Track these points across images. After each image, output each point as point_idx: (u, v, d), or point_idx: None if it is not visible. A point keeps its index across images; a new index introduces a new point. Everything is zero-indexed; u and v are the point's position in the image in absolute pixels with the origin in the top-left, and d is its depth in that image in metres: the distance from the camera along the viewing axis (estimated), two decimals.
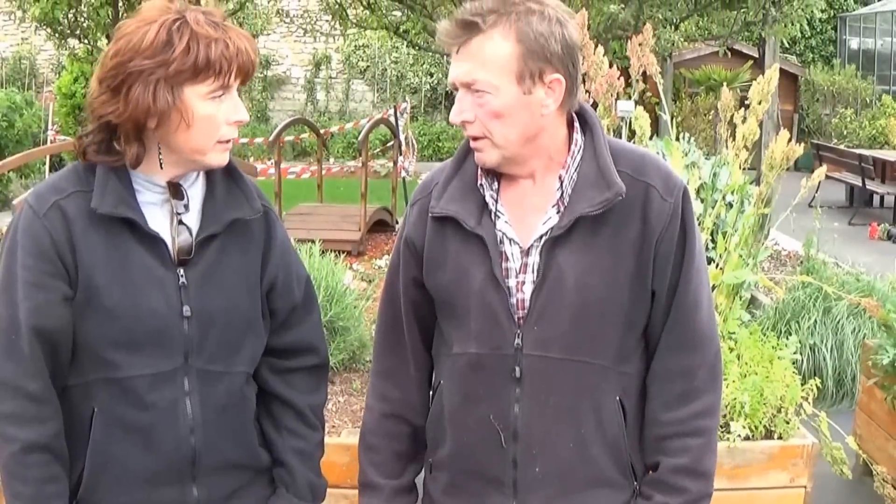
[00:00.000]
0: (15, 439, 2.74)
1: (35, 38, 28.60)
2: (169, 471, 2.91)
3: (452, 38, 2.80)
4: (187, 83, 2.75)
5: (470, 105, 2.82)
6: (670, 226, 2.89)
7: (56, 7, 15.94)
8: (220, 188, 3.00)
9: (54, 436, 2.79)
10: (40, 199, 2.83)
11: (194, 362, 2.89)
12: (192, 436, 2.90)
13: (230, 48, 2.77)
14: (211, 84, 2.77)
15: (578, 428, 2.92)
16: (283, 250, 3.11)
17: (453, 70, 2.84)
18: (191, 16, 2.77)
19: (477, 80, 2.78)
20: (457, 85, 2.84)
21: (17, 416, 2.75)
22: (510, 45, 2.76)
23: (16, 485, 2.76)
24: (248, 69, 2.83)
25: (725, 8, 16.52)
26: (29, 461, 2.75)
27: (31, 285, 2.76)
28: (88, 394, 2.84)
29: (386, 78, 31.59)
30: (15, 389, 2.75)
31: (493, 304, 2.91)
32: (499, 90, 2.78)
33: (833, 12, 30.75)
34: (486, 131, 2.84)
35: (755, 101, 5.72)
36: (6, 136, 20.84)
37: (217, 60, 2.75)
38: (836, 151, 21.90)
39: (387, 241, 14.84)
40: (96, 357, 2.82)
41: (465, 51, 2.79)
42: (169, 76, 2.73)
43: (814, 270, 9.38)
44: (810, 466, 5.31)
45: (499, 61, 2.76)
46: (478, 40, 2.76)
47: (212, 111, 2.80)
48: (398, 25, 17.62)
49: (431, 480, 3.18)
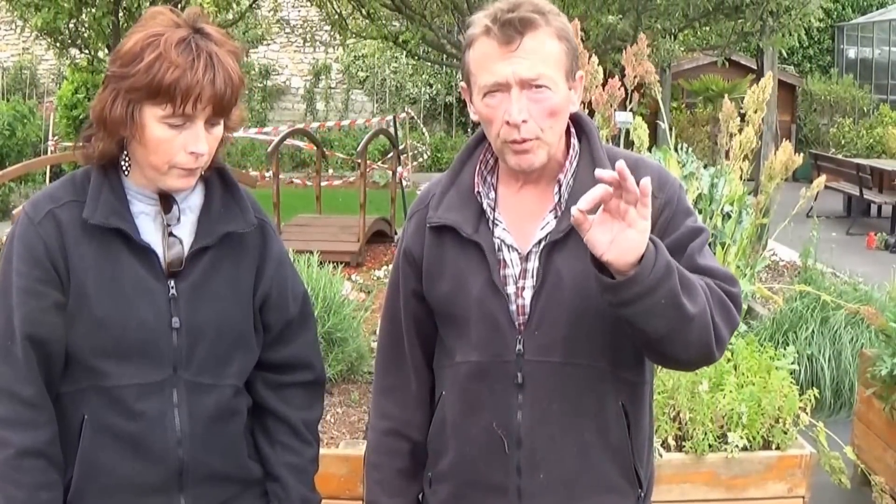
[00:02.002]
0: (9, 444, 2.76)
1: (36, 48, 28.65)
2: (156, 480, 2.90)
3: (509, 39, 2.74)
4: (146, 102, 2.72)
5: (526, 104, 2.77)
6: (661, 218, 2.86)
7: (58, 17, 15.96)
8: (216, 200, 3.00)
9: (49, 442, 2.81)
10: (36, 207, 2.85)
11: (183, 374, 2.88)
12: (179, 447, 2.89)
13: (189, 78, 2.69)
14: (166, 109, 2.72)
15: (582, 433, 2.91)
16: (278, 264, 3.10)
17: (511, 67, 2.75)
18: (172, 34, 2.72)
19: (542, 74, 2.75)
20: (511, 83, 2.76)
21: (12, 420, 2.77)
22: (557, 43, 2.78)
23: (9, 489, 2.77)
24: (217, 102, 2.76)
25: (723, 18, 16.57)
26: (24, 466, 2.76)
27: (25, 292, 2.78)
28: (79, 401, 2.85)
29: (385, 88, 31.61)
30: (10, 395, 2.77)
31: (494, 311, 2.90)
32: (557, 86, 2.78)
33: (830, 22, 30.80)
34: (539, 131, 2.80)
35: (751, 109, 5.74)
36: (8, 146, 20.89)
37: (171, 86, 2.69)
38: (834, 161, 21.92)
39: (385, 252, 14.79)
40: (86, 365, 2.83)
41: (525, 47, 2.74)
42: (127, 89, 2.73)
43: (812, 280, 9.39)
44: (808, 476, 5.34)
45: (555, 57, 2.78)
46: (537, 36, 2.75)
47: (165, 135, 2.75)
48: (397, 35, 17.67)
49: (431, 494, 3.16)
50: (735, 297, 2.81)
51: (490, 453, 2.95)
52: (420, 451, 3.19)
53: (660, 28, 15.80)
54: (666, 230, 2.85)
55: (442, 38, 15.99)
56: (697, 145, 22.49)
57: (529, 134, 2.79)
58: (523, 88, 2.76)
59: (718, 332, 2.72)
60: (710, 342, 2.71)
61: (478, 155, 3.05)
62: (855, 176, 19.80)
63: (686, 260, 2.81)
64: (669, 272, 2.54)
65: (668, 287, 2.54)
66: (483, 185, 2.98)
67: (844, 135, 28.58)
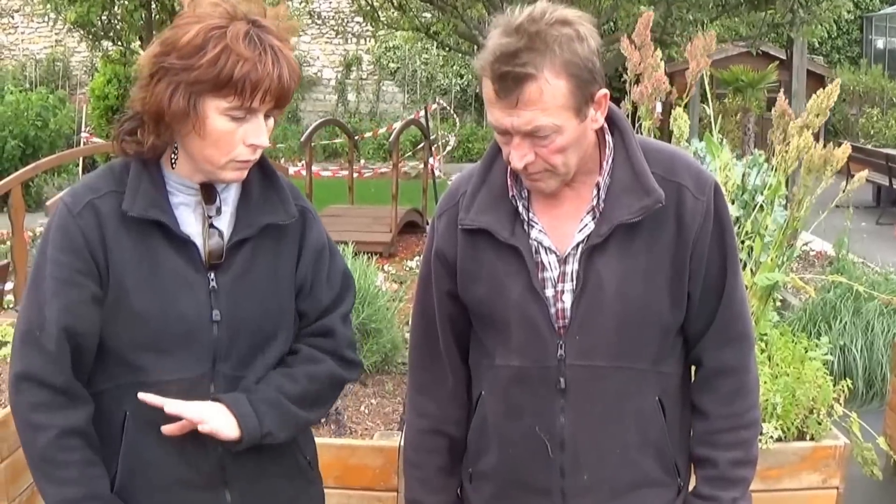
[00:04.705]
0: (50, 426, 2.73)
1: (68, 41, 28.77)
2: (200, 476, 2.88)
3: (505, 94, 2.63)
4: (208, 94, 2.68)
5: (529, 147, 2.72)
6: (705, 224, 2.86)
7: (91, 10, 16.02)
8: (255, 191, 2.94)
9: (87, 423, 2.78)
10: (75, 198, 2.80)
11: (221, 367, 2.84)
12: (218, 442, 2.81)
13: (259, 71, 2.66)
14: (231, 101, 2.68)
15: (623, 433, 2.93)
16: (315, 252, 3.03)
17: (508, 120, 2.68)
18: (235, 27, 2.66)
19: (540, 126, 2.66)
20: (511, 133, 2.71)
21: (48, 404, 2.74)
22: (563, 83, 2.63)
23: (58, 472, 2.74)
24: (279, 96, 2.73)
25: (753, 9, 16.50)
26: (69, 444, 2.74)
27: (63, 282, 2.74)
28: (120, 397, 2.81)
29: (416, 79, 31.61)
30: (41, 382, 2.73)
31: (534, 316, 2.88)
32: (562, 129, 2.68)
33: (859, 12, 30.65)
34: (548, 166, 2.76)
35: (812, 114, 5.68)
36: (40, 137, 20.95)
37: (241, 80, 2.65)
38: (864, 151, 21.70)
39: (417, 243, 14.77)
40: (125, 361, 2.80)
41: (524, 100, 2.63)
42: (190, 82, 2.66)
43: (844, 270, 9.37)
44: (842, 467, 5.31)
45: (557, 102, 2.65)
46: (532, 88, 2.61)
47: (227, 128, 2.72)
48: (429, 27, 17.65)
49: (473, 490, 3.17)
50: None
51: (533, 456, 2.96)
52: (457, 446, 3.19)
53: (691, 19, 15.75)
54: (699, 242, 2.88)
55: (473, 28, 15.97)
56: (727, 135, 22.39)
57: (536, 169, 2.78)
58: (525, 137, 2.71)
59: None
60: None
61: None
62: (884, 166, 19.61)
63: (722, 309, 2.95)
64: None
65: None
66: (515, 184, 2.93)
67: (873, 125, 28.43)
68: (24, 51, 32.34)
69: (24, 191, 10.71)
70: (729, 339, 2.97)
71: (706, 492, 3.00)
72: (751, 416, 3.01)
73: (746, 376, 3.00)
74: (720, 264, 2.92)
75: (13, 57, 32.33)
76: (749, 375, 3.01)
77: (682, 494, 3.07)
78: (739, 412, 2.99)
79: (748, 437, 3.00)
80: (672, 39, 15.74)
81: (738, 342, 2.99)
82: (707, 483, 3.01)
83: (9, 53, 32.44)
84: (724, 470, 2.97)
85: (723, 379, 2.99)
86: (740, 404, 2.99)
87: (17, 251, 9.83)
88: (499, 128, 2.73)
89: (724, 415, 2.98)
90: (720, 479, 2.98)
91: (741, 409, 2.99)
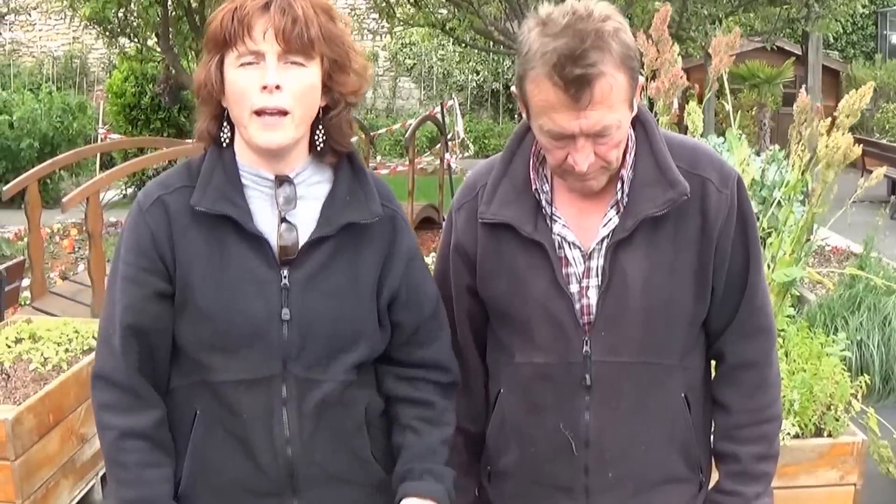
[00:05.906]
0: (113, 427, 2.74)
1: (86, 37, 28.76)
2: (268, 482, 2.79)
3: (578, 97, 2.56)
4: (224, 53, 2.66)
5: (592, 148, 2.67)
6: (728, 218, 2.84)
7: (106, 6, 16.01)
8: (342, 188, 2.85)
9: (153, 426, 2.77)
10: (146, 195, 2.78)
11: (293, 368, 2.74)
12: (288, 447, 2.76)
13: (259, 13, 2.61)
14: (239, 48, 2.62)
15: (649, 429, 2.92)
16: (408, 260, 2.92)
17: (576, 123, 2.61)
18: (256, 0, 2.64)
19: (608, 125, 2.62)
20: (577, 136, 2.64)
21: (114, 405, 2.75)
22: (623, 77, 2.60)
23: (118, 470, 2.76)
24: (283, 34, 2.61)
25: (769, 4, 16.48)
26: (127, 447, 2.74)
27: (128, 280, 2.73)
28: (191, 395, 2.79)
29: (432, 75, 31.57)
30: (110, 382, 2.75)
31: (558, 312, 2.85)
32: (622, 122, 2.67)
33: (874, 8, 30.57)
34: (604, 163, 2.72)
35: (843, 114, 5.65)
36: (60, 136, 20.96)
37: (240, 24, 2.60)
38: (879, 146, 21.78)
39: (433, 239, 14.70)
40: (194, 359, 2.76)
41: (594, 100, 2.57)
42: (208, 50, 2.69)
43: (865, 265, 9.34)
44: (860, 464, 5.28)
45: (620, 97, 2.62)
46: (603, 87, 2.56)
47: (240, 78, 2.64)
48: (444, 23, 17.65)
49: (493, 489, 3.15)
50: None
51: (556, 454, 2.94)
52: (474, 443, 3.16)
53: (706, 14, 15.73)
54: (723, 235, 2.86)
55: (489, 24, 15.97)
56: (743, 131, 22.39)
57: (593, 168, 2.72)
58: (590, 138, 2.65)
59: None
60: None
61: (528, 144, 2.94)
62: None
63: (745, 303, 2.95)
64: None
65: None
66: (538, 178, 2.90)
67: (889, 120, 28.36)
68: (42, 48, 32.39)
69: (41, 188, 10.73)
70: (751, 333, 2.97)
71: (729, 487, 3.01)
72: (773, 410, 3.02)
73: (768, 370, 3.00)
74: (743, 258, 2.91)
75: (31, 54, 32.37)
76: (771, 369, 3.01)
77: (703, 491, 3.07)
78: (761, 406, 2.99)
79: (770, 432, 3.01)
80: (688, 35, 15.71)
81: (760, 336, 2.99)
82: (730, 478, 3.02)
83: (27, 51, 32.48)
84: (747, 465, 2.98)
85: (745, 373, 2.99)
86: (762, 398, 2.99)
87: (34, 248, 9.85)
88: (562, 133, 2.65)
89: (746, 409, 2.99)
90: (743, 475, 2.99)
91: (763, 403, 3.00)
